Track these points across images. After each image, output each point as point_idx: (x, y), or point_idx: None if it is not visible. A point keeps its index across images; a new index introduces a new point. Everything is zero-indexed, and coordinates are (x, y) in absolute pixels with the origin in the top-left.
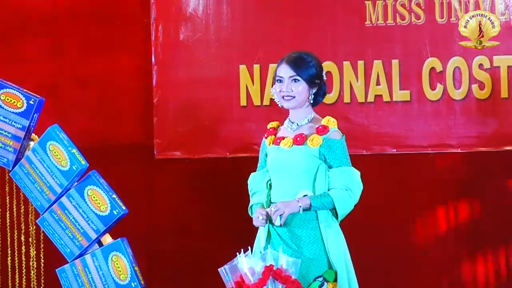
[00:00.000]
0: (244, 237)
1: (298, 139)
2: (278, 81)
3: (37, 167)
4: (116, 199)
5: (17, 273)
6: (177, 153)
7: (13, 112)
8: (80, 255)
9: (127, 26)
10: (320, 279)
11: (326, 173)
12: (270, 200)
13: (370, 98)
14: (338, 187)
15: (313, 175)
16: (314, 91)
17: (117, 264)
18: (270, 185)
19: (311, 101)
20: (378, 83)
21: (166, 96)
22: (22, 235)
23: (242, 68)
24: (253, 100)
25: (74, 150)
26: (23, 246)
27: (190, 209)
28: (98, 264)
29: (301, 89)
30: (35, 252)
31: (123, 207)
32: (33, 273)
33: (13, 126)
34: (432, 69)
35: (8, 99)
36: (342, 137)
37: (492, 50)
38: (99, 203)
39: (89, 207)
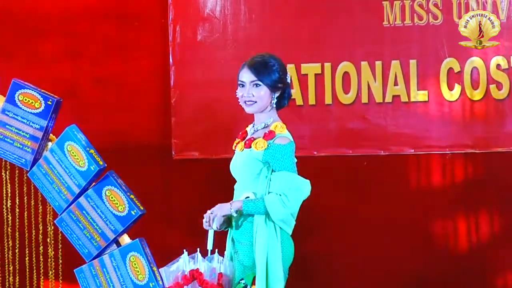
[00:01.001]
0: None
1: (247, 142)
2: (240, 85)
3: (55, 168)
4: (134, 199)
5: (35, 274)
6: (195, 154)
7: (31, 113)
8: (98, 255)
9: (145, 26)
10: (243, 281)
11: (268, 177)
12: None
13: (388, 99)
14: (273, 192)
15: (257, 178)
16: (276, 95)
17: (135, 264)
18: None
19: (274, 105)
20: (396, 84)
21: (183, 97)
22: (40, 235)
23: None
24: None
25: (92, 151)
26: (41, 246)
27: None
28: (116, 264)
29: (262, 94)
30: (53, 252)
31: (141, 208)
32: (51, 274)
33: (31, 126)
34: (450, 69)
35: (26, 99)
36: (289, 143)
37: (510, 50)
38: (117, 204)
39: (107, 208)
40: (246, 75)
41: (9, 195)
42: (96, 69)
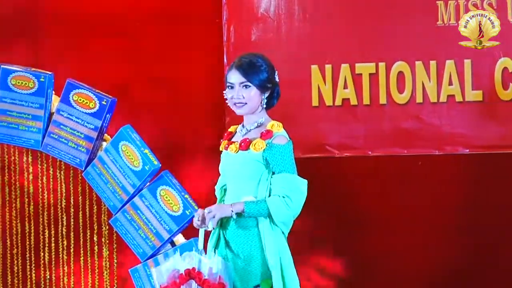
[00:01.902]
0: (308, 237)
1: (243, 144)
2: (229, 87)
3: (109, 167)
4: (189, 199)
5: (90, 273)
6: None
7: (85, 113)
8: (153, 255)
9: (199, 26)
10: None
11: (269, 179)
12: None
13: (443, 98)
14: (276, 194)
15: (257, 181)
16: (266, 95)
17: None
18: (225, 190)
19: (264, 105)
20: (450, 83)
21: None
22: (95, 235)
23: (314, 68)
24: (325, 100)
25: (147, 151)
26: (96, 246)
27: None
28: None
29: (252, 94)
30: (108, 252)
31: (196, 207)
32: (106, 273)
33: (86, 126)
34: (505, 69)
35: (80, 99)
36: (288, 143)
37: None
38: (172, 203)
39: (162, 208)
40: (234, 76)
41: (64, 195)
42: (151, 69)
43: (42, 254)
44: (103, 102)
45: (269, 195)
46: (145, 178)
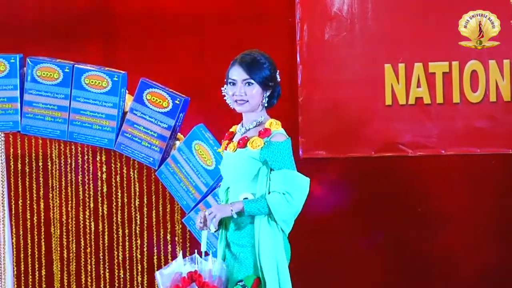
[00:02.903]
0: (379, 235)
1: (241, 142)
2: (231, 83)
3: (182, 167)
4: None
5: None
6: (322, 152)
7: (159, 112)
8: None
9: (272, 26)
10: (241, 283)
11: (267, 176)
12: None
13: None
14: (276, 191)
15: (255, 178)
16: (268, 93)
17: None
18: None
19: (265, 104)
20: None
21: (311, 95)
22: (168, 234)
23: (387, 67)
24: (398, 99)
25: (220, 150)
26: (169, 245)
27: (334, 209)
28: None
29: (254, 92)
30: (181, 251)
31: None
32: None
33: (159, 125)
34: None
35: (154, 98)
36: (286, 140)
37: None
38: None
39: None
40: (237, 73)
41: (137, 194)
42: (224, 68)
43: (115, 253)
44: (177, 101)
45: (269, 193)
46: (218, 177)
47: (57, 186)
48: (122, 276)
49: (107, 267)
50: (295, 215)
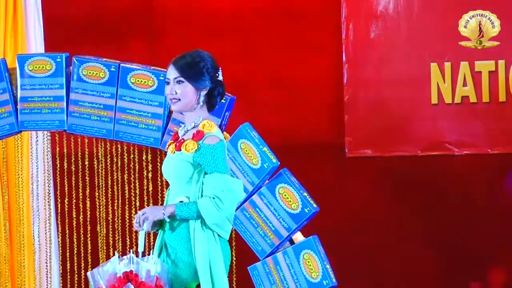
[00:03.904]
0: (428, 235)
1: (177, 144)
2: (167, 83)
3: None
4: (307, 197)
5: None
6: (368, 151)
7: None
8: (272, 253)
9: (318, 24)
10: None
11: (200, 180)
12: None
13: None
14: (207, 195)
15: (189, 181)
16: (204, 92)
17: (308, 262)
18: None
19: (202, 103)
20: None
21: (356, 94)
22: None
23: (433, 66)
24: (444, 98)
25: (265, 148)
26: None
27: (380, 207)
28: (290, 262)
29: (185, 91)
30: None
31: (314, 205)
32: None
33: None
34: None
35: None
36: (219, 143)
37: None
38: (291, 201)
39: (281, 205)
40: (170, 72)
41: None
42: (269, 67)
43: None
44: (222, 100)
45: (202, 196)
46: (264, 176)
47: (103, 185)
48: None
49: None
50: (229, 220)
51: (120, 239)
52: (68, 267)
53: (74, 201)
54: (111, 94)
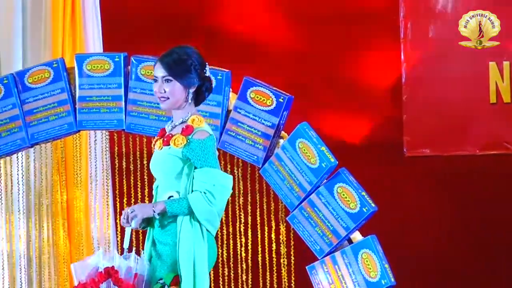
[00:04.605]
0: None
1: (165, 139)
2: (154, 81)
3: (286, 165)
4: (366, 196)
5: (268, 271)
6: (426, 151)
7: (262, 110)
8: (330, 252)
9: (376, 24)
10: (161, 281)
11: (191, 175)
12: None
13: None
14: (197, 190)
15: (178, 177)
16: (192, 90)
17: (367, 261)
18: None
19: (190, 101)
20: None
21: (415, 94)
22: (272, 232)
23: (492, 65)
24: (502, 97)
25: (323, 148)
26: (274, 244)
27: (438, 206)
28: (348, 261)
29: (174, 89)
30: (285, 249)
31: (373, 205)
32: (284, 271)
33: (263, 124)
34: None
35: (257, 97)
36: (208, 137)
37: None
38: (349, 201)
39: (339, 205)
40: (158, 70)
41: (241, 192)
42: (327, 67)
43: (220, 251)
44: (280, 100)
45: (192, 191)
46: (322, 175)
47: None
48: (227, 274)
49: None
50: (218, 215)
51: None
52: None
53: (133, 200)
54: None
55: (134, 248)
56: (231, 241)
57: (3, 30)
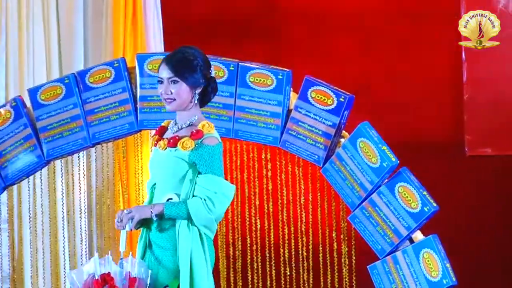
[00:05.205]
0: None
1: (171, 141)
2: (159, 82)
3: (347, 164)
4: (427, 196)
5: (329, 270)
6: (488, 150)
7: (323, 110)
8: (391, 252)
9: (436, 22)
10: None
11: (194, 179)
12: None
13: None
14: (198, 196)
15: (182, 180)
16: (198, 91)
17: (428, 261)
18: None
19: (196, 102)
20: None
21: (476, 92)
22: (333, 232)
23: None
24: None
25: (385, 147)
26: (335, 243)
27: (499, 206)
28: (409, 261)
29: (180, 90)
30: (346, 249)
31: (434, 204)
32: (345, 270)
33: (324, 123)
34: None
35: (318, 96)
36: (218, 144)
37: None
38: (410, 200)
39: (400, 204)
40: (163, 72)
41: (302, 191)
42: (389, 65)
43: (281, 250)
44: (341, 99)
45: (193, 196)
46: (383, 174)
47: None
48: (288, 273)
49: (273, 264)
50: (216, 221)
51: (240, 238)
52: None
53: None
54: (230, 93)
55: (130, 252)
56: (292, 241)
57: (64, 30)
